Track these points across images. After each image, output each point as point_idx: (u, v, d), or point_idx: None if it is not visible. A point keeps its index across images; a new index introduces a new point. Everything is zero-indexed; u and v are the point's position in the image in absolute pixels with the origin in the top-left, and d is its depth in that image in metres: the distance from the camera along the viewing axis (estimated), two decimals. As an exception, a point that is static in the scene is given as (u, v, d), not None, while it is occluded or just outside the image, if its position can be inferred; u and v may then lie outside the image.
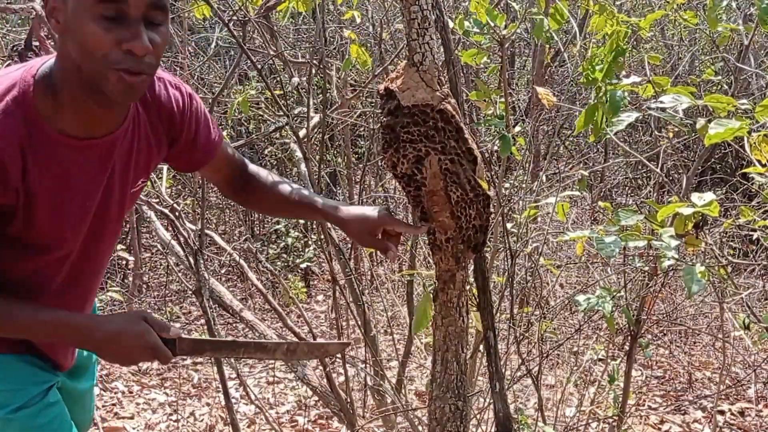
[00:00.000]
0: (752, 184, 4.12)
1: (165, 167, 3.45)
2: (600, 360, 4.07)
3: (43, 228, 1.43)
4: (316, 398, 3.48)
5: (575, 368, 3.97)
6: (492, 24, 2.29)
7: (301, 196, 1.85)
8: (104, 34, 1.27)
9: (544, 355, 2.86)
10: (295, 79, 3.68)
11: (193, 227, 3.14)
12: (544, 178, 3.54)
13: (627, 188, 6.94)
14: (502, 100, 2.41)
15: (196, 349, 1.55)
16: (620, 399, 2.97)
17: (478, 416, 2.81)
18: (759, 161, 1.62)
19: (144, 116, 1.55)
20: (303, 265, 5.54)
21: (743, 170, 1.91)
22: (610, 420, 3.14)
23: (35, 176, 1.37)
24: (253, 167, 1.90)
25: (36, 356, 1.59)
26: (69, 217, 1.47)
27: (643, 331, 2.90)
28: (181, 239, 3.03)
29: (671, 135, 4.24)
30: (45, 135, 1.37)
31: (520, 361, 2.69)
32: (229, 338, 1.67)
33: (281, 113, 2.71)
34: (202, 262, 2.93)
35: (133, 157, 1.55)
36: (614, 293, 2.40)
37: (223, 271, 6.03)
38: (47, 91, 1.37)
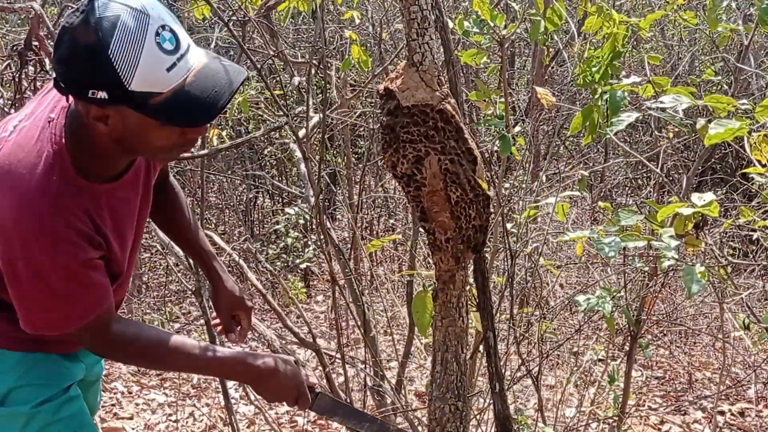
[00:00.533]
0: (752, 184, 4.12)
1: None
2: (600, 360, 4.07)
3: (117, 260, 1.60)
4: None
5: (575, 369, 3.97)
6: (492, 24, 2.28)
7: (194, 237, 2.00)
8: (174, 147, 1.47)
9: (544, 355, 2.86)
10: (296, 79, 3.68)
11: (193, 227, 3.12)
12: (544, 178, 3.54)
13: (627, 188, 6.94)
14: (502, 100, 2.40)
15: (329, 410, 1.66)
16: (620, 399, 2.97)
17: (477, 417, 2.81)
18: (759, 161, 1.62)
19: None
20: (303, 266, 5.53)
21: (743, 170, 1.91)
22: (610, 420, 3.14)
23: (101, 225, 1.52)
24: (172, 180, 1.98)
25: (58, 353, 1.68)
26: (127, 243, 1.64)
27: (643, 332, 2.90)
28: (181, 239, 3.02)
29: (671, 135, 4.24)
30: (93, 190, 1.50)
31: (520, 361, 2.69)
32: (359, 408, 1.78)
33: (281, 113, 2.71)
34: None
35: (142, 174, 1.67)
36: (614, 293, 2.40)
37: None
38: (80, 149, 1.46)
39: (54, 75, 1.37)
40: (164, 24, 1.30)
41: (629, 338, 2.91)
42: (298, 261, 5.58)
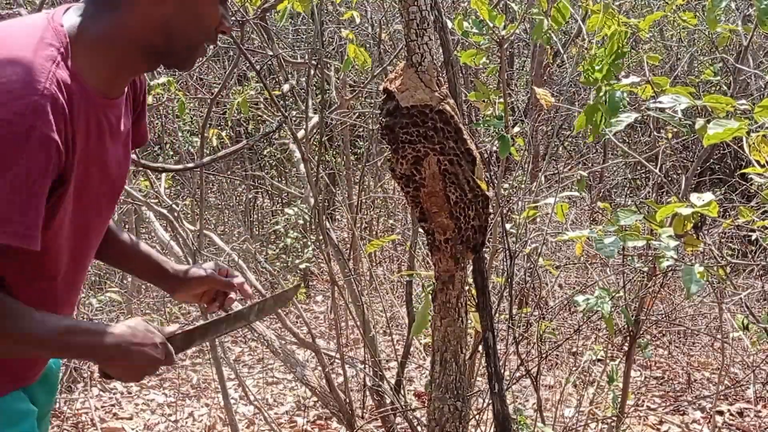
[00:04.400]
0: (751, 184, 4.12)
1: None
2: (599, 360, 4.07)
3: (82, 202, 1.35)
4: (315, 399, 3.48)
5: (574, 369, 3.97)
6: (491, 24, 2.29)
7: (146, 252, 1.70)
8: (218, 14, 1.33)
9: (543, 355, 2.86)
10: (285, 86, 3.68)
11: (192, 228, 3.14)
12: (543, 178, 3.55)
13: (626, 189, 6.94)
14: (501, 100, 2.41)
15: (187, 342, 1.53)
16: (619, 399, 2.97)
17: (476, 417, 2.81)
18: (758, 161, 1.62)
19: None
20: (302, 266, 5.53)
21: (742, 171, 1.91)
22: (609, 420, 3.14)
23: (77, 146, 1.28)
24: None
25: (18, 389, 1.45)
26: (100, 189, 1.40)
27: (642, 332, 2.91)
28: (180, 240, 3.03)
29: (670, 135, 4.24)
30: (89, 97, 1.29)
31: (519, 361, 2.69)
32: (210, 320, 1.65)
33: (280, 114, 2.71)
34: (200, 262, 2.93)
35: (124, 122, 1.45)
36: (613, 294, 2.40)
37: (222, 272, 6.01)
38: (92, 44, 1.29)
39: None
40: None
41: (628, 338, 2.91)
42: (297, 261, 5.59)
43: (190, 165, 2.94)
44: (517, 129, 2.65)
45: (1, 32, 1.24)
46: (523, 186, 3.95)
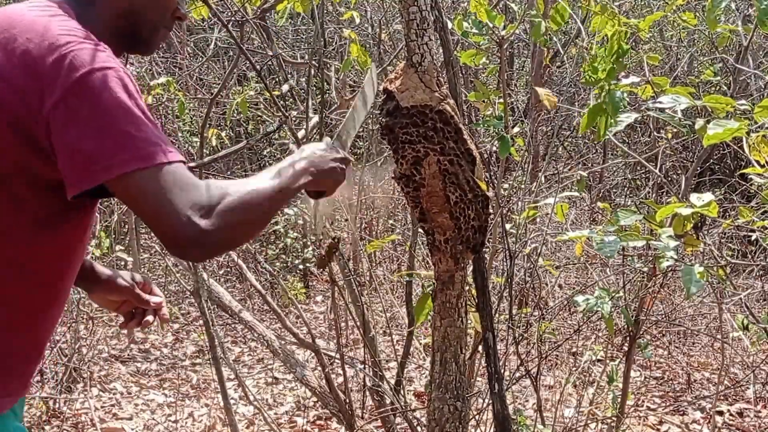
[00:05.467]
0: (751, 184, 4.12)
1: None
2: (599, 361, 4.07)
3: None
4: (315, 399, 3.48)
5: (574, 369, 3.97)
6: (491, 25, 2.29)
7: None
8: (167, 15, 1.40)
9: (543, 355, 2.86)
10: (285, 87, 3.68)
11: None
12: (543, 178, 3.55)
13: (626, 189, 6.94)
14: (501, 100, 2.41)
15: (346, 140, 1.60)
16: (619, 399, 2.97)
17: (476, 417, 2.81)
18: (758, 162, 1.62)
19: None
20: (302, 266, 5.53)
21: (742, 171, 1.92)
22: (609, 421, 3.14)
23: None
24: None
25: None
26: None
27: (641, 332, 2.91)
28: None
29: (670, 136, 4.24)
30: None
31: (518, 361, 2.69)
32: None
33: (280, 114, 2.71)
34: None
35: None
36: (613, 294, 2.40)
37: (221, 272, 6.03)
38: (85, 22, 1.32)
39: None
40: None
41: (628, 338, 2.91)
42: (297, 261, 5.59)
43: (191, 164, 2.94)
44: (516, 129, 2.65)
45: (16, 12, 1.26)
46: (523, 186, 3.95)
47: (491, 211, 1.92)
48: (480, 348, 2.31)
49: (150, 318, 1.60)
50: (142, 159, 1.14)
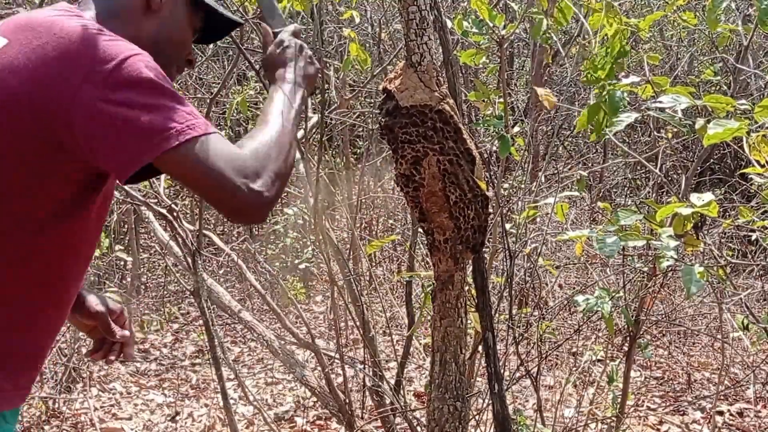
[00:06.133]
0: (751, 184, 4.12)
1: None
2: (599, 361, 4.07)
3: None
4: (315, 399, 3.48)
5: (574, 369, 3.97)
6: (491, 24, 2.28)
7: None
8: (190, 42, 1.50)
9: (543, 355, 2.86)
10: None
11: (192, 228, 3.13)
12: (543, 178, 3.55)
13: (626, 189, 6.94)
14: (501, 100, 2.40)
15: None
16: (619, 400, 2.97)
17: (476, 417, 2.81)
18: (758, 161, 1.62)
19: None
20: (301, 266, 5.53)
21: (742, 171, 1.91)
22: (609, 421, 3.14)
23: None
24: None
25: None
26: None
27: (642, 332, 2.90)
28: (180, 240, 3.03)
29: (670, 135, 4.24)
30: None
31: (518, 361, 2.69)
32: None
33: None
34: (200, 262, 2.92)
35: None
36: (613, 294, 2.40)
37: (221, 272, 6.02)
38: None
39: None
40: None
41: (628, 338, 2.91)
42: (296, 261, 5.58)
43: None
44: (516, 129, 2.65)
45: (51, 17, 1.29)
46: (523, 186, 3.95)
47: (491, 210, 1.92)
48: (480, 348, 2.31)
49: (112, 357, 1.60)
50: (191, 129, 1.19)
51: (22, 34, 1.25)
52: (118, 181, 1.29)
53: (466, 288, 2.02)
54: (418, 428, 2.80)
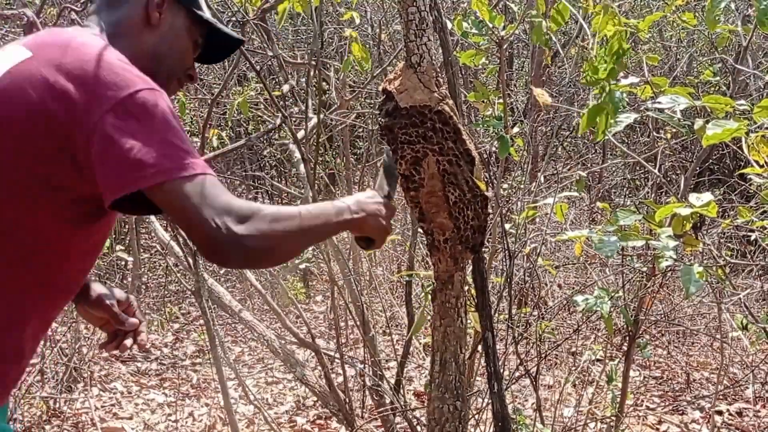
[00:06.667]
0: (750, 184, 4.12)
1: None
2: (598, 360, 4.08)
3: None
4: (315, 398, 3.49)
5: (573, 368, 3.98)
6: (490, 25, 2.29)
7: None
8: (191, 56, 1.53)
9: (543, 355, 2.87)
10: (286, 87, 3.68)
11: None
12: (542, 178, 3.55)
13: (625, 189, 6.95)
14: (501, 101, 2.41)
15: (390, 192, 1.63)
16: (618, 399, 2.98)
17: (476, 417, 2.82)
18: (757, 162, 1.63)
19: None
20: (302, 266, 5.53)
21: (741, 171, 1.92)
22: (608, 420, 3.14)
23: None
24: None
25: None
26: None
27: (641, 332, 2.91)
28: (180, 239, 3.04)
29: (669, 136, 4.25)
30: None
31: (518, 361, 2.70)
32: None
33: (280, 114, 2.71)
34: (201, 262, 2.93)
35: None
36: (612, 294, 2.41)
37: (222, 272, 6.03)
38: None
39: None
40: None
41: (627, 338, 2.91)
42: (297, 261, 5.59)
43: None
44: (516, 129, 2.66)
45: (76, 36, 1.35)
46: (522, 186, 3.96)
47: (490, 211, 1.92)
48: (479, 348, 2.31)
49: (128, 342, 1.62)
50: (184, 168, 1.22)
51: (47, 49, 1.30)
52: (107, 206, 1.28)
53: (466, 288, 2.02)
54: (418, 428, 2.80)
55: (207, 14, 1.54)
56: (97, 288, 1.61)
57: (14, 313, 1.34)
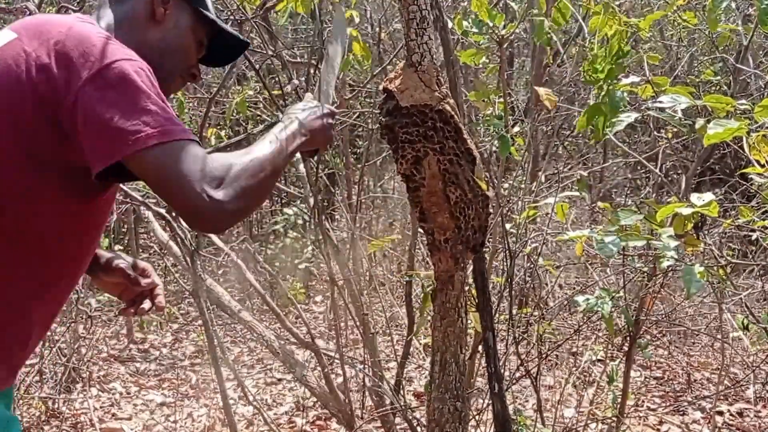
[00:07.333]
0: (751, 184, 4.11)
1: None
2: (599, 361, 4.07)
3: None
4: (315, 399, 3.48)
5: (574, 369, 3.97)
6: (491, 24, 2.28)
7: None
8: (194, 55, 1.55)
9: (543, 355, 2.86)
10: (289, 86, 3.67)
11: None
12: (543, 178, 3.54)
13: (626, 189, 6.94)
14: (501, 100, 2.40)
15: (326, 97, 1.62)
16: (619, 400, 2.97)
17: (476, 417, 2.81)
18: (758, 161, 1.62)
19: None
20: (301, 266, 5.53)
21: (742, 170, 1.91)
22: (609, 421, 3.13)
23: None
24: None
25: None
26: None
27: (641, 332, 2.90)
28: (179, 240, 3.03)
29: (670, 135, 4.24)
30: None
31: (518, 361, 2.69)
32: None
33: (279, 113, 2.70)
34: (199, 262, 2.92)
35: None
36: (613, 294, 2.40)
37: (220, 272, 6.02)
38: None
39: None
40: None
41: (628, 338, 2.91)
42: (296, 261, 5.58)
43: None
44: (516, 129, 2.65)
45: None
46: (523, 186, 3.95)
47: (491, 210, 1.91)
48: (480, 348, 2.31)
49: (146, 305, 1.63)
50: (162, 134, 1.22)
51: (32, 30, 1.32)
52: (94, 176, 1.28)
53: (467, 288, 2.01)
54: (418, 428, 2.79)
55: (213, 15, 1.55)
56: (106, 254, 1.64)
57: (19, 294, 1.35)
